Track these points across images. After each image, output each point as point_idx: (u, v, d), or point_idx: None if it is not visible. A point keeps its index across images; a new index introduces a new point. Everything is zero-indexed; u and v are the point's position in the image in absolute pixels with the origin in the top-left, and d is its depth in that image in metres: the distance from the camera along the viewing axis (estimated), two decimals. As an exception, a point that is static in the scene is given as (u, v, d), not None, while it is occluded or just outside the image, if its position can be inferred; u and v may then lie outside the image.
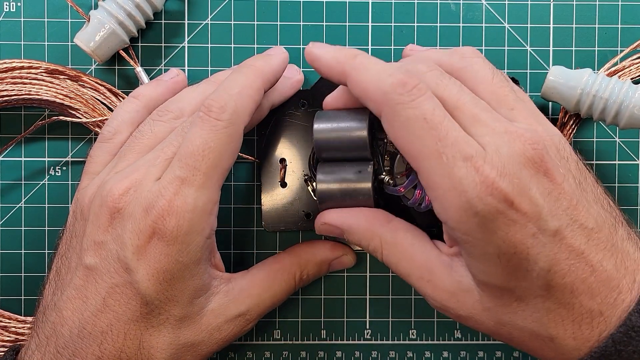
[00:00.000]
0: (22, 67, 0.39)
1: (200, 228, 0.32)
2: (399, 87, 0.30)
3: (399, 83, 0.30)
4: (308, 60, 0.34)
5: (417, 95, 0.29)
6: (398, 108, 0.30)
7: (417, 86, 0.30)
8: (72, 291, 0.32)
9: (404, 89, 0.29)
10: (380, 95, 0.30)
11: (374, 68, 0.31)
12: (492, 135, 0.29)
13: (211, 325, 0.34)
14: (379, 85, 0.30)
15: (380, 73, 0.31)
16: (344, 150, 0.35)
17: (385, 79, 0.30)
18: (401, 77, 0.30)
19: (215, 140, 0.32)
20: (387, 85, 0.30)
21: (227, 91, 0.33)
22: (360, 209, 0.34)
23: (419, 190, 0.35)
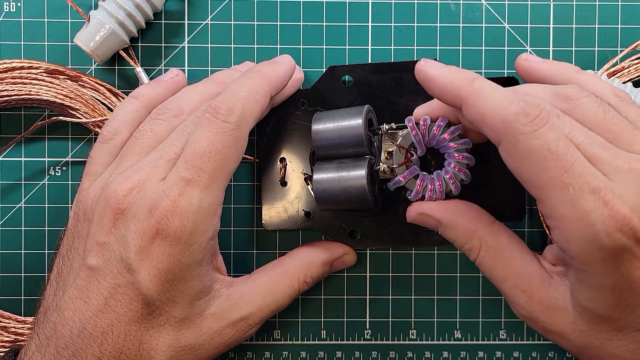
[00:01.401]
0: (22, 67, 0.39)
1: (204, 229, 0.32)
2: (522, 117, 0.28)
3: (522, 112, 0.29)
4: (419, 79, 0.33)
5: (540, 125, 0.28)
6: (521, 138, 0.29)
7: (539, 116, 0.28)
8: (74, 291, 0.32)
9: (527, 119, 0.28)
10: (500, 123, 0.29)
11: (494, 95, 0.30)
12: (617, 172, 0.28)
13: (212, 328, 0.34)
14: (500, 113, 0.29)
15: (501, 100, 0.29)
16: (343, 148, 0.35)
17: (507, 107, 0.29)
18: (523, 105, 0.29)
19: (222, 142, 0.32)
20: (510, 113, 0.29)
21: (235, 94, 0.33)
22: (463, 203, 0.33)
23: (420, 181, 0.35)
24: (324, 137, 0.35)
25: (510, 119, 0.29)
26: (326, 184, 0.35)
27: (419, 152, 0.35)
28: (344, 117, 0.35)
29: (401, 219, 0.38)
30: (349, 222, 0.38)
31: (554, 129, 0.28)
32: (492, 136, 0.30)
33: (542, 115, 0.29)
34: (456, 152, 0.34)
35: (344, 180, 0.35)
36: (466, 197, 0.37)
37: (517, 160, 0.29)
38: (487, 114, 0.30)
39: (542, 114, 0.29)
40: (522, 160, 0.29)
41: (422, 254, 0.41)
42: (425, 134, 0.34)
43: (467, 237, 0.33)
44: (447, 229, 0.33)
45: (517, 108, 0.29)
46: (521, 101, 0.29)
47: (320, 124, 0.36)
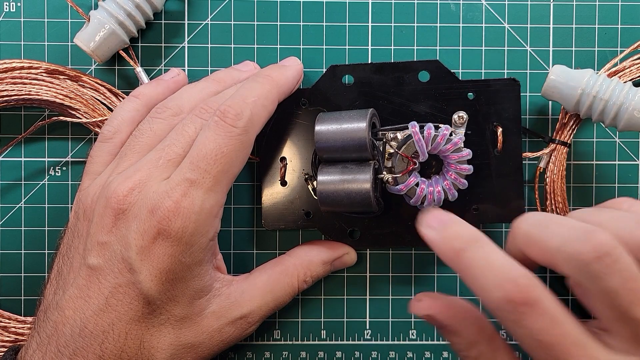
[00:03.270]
0: (22, 67, 0.39)
1: (205, 230, 0.32)
2: (505, 305, 0.27)
3: (505, 300, 0.27)
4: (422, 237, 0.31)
5: (526, 312, 0.27)
6: (508, 326, 0.27)
7: (526, 301, 0.27)
8: (75, 290, 0.32)
9: (511, 306, 0.27)
10: (490, 308, 0.28)
11: (480, 274, 0.28)
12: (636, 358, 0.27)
13: (212, 327, 0.34)
14: (486, 298, 0.28)
15: (485, 280, 0.28)
16: (345, 151, 0.35)
17: (491, 291, 0.27)
18: (507, 290, 0.27)
19: (228, 146, 0.32)
20: (494, 300, 0.27)
21: (244, 99, 0.33)
22: (470, 309, 0.32)
23: (420, 188, 0.35)
24: (327, 138, 0.35)
25: (494, 306, 0.27)
26: (330, 187, 0.35)
27: (420, 158, 0.35)
28: (347, 120, 0.35)
29: (401, 220, 0.38)
30: (349, 222, 0.38)
31: (544, 316, 0.27)
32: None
33: (530, 299, 0.27)
34: (457, 163, 0.35)
35: (348, 185, 0.35)
36: (466, 198, 0.37)
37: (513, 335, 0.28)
38: (477, 295, 0.28)
39: (531, 297, 0.27)
40: (517, 339, 0.28)
41: (422, 254, 0.41)
42: (429, 143, 0.34)
43: (468, 346, 0.31)
44: (450, 335, 0.32)
45: (500, 293, 0.27)
46: (507, 282, 0.27)
47: (323, 125, 0.36)
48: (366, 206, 0.35)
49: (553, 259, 0.28)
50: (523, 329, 0.27)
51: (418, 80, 0.37)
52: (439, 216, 0.30)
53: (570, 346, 0.27)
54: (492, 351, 0.31)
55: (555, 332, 0.27)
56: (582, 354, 0.27)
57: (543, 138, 0.40)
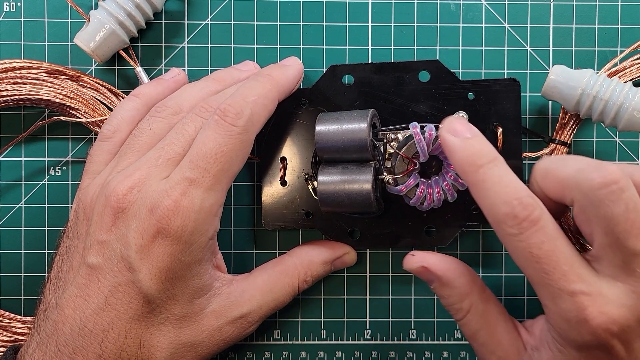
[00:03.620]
0: (22, 67, 0.39)
1: (205, 229, 0.32)
2: (509, 219, 0.29)
3: (511, 214, 0.29)
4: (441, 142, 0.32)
5: (527, 227, 0.29)
6: (506, 239, 0.30)
7: (528, 217, 0.29)
8: (74, 290, 0.32)
9: (514, 221, 0.29)
10: (493, 222, 0.30)
11: (492, 190, 0.30)
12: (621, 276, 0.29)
13: (212, 326, 0.34)
14: (492, 212, 0.30)
15: (495, 198, 0.30)
16: (345, 151, 0.35)
17: (499, 206, 0.30)
18: (515, 206, 0.29)
19: (228, 145, 0.32)
20: (500, 214, 0.30)
21: (244, 98, 0.33)
22: (462, 265, 0.34)
23: (420, 189, 0.35)
24: (327, 139, 0.35)
25: (499, 219, 0.30)
26: (330, 188, 0.35)
27: (421, 159, 0.35)
28: (348, 120, 0.35)
29: (401, 220, 0.38)
30: (349, 222, 0.38)
31: (541, 232, 0.29)
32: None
33: (531, 216, 0.29)
34: None
35: (348, 186, 0.35)
36: (466, 199, 0.37)
37: (509, 251, 0.31)
38: (483, 208, 0.31)
39: (533, 215, 0.29)
40: (511, 254, 0.30)
41: (422, 254, 0.41)
42: (430, 144, 0.34)
43: (460, 298, 0.33)
44: (445, 287, 0.33)
45: (507, 209, 0.29)
46: (514, 200, 0.29)
47: (324, 125, 0.36)
48: (367, 207, 0.35)
49: (564, 186, 0.30)
50: (520, 242, 0.29)
51: (418, 80, 0.37)
52: (464, 125, 0.32)
53: (559, 261, 0.29)
54: (483, 302, 0.33)
55: (548, 247, 0.29)
56: (568, 270, 0.29)
57: (543, 138, 0.40)
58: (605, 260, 0.29)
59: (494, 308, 0.33)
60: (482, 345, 0.33)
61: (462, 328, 0.34)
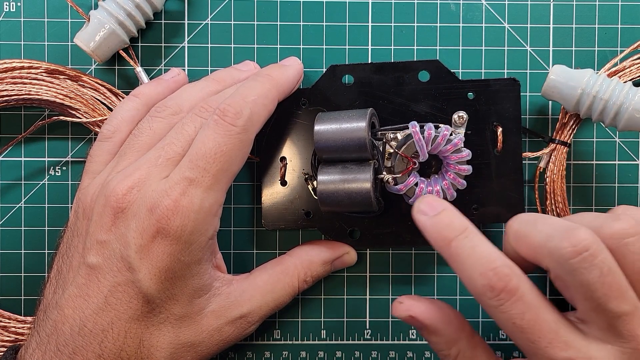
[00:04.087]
0: (22, 67, 0.39)
1: (204, 229, 0.32)
2: (488, 291, 0.29)
3: (488, 286, 0.29)
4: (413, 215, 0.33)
5: (506, 298, 0.29)
6: (489, 311, 0.30)
7: (505, 288, 0.29)
8: (74, 289, 0.32)
9: (493, 293, 0.29)
10: (473, 294, 0.30)
11: (466, 263, 0.30)
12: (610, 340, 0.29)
13: (212, 326, 0.34)
14: (470, 284, 0.30)
15: (471, 270, 0.30)
16: (344, 151, 0.35)
17: (476, 279, 0.29)
18: (491, 277, 0.29)
19: (228, 144, 0.32)
20: (478, 287, 0.29)
21: (244, 98, 0.33)
22: (450, 311, 0.33)
23: (419, 188, 0.35)
24: (326, 138, 0.35)
25: (478, 292, 0.30)
26: (330, 187, 0.35)
27: (420, 158, 0.35)
28: (347, 120, 0.35)
29: (401, 220, 0.38)
30: (349, 222, 0.38)
31: (520, 302, 0.29)
32: None
33: (508, 287, 0.29)
34: (456, 164, 0.35)
35: (348, 185, 0.35)
36: (466, 198, 0.37)
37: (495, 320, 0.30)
38: (462, 281, 0.31)
39: (509, 286, 0.29)
40: (498, 323, 0.30)
41: (422, 254, 0.41)
42: (429, 143, 0.34)
43: (448, 345, 0.33)
44: (431, 334, 0.33)
45: (484, 281, 0.29)
46: (490, 271, 0.29)
47: (323, 125, 0.36)
48: (366, 206, 0.35)
49: (537, 254, 0.30)
50: (502, 314, 0.29)
51: (418, 80, 0.37)
52: (431, 203, 0.32)
53: (542, 329, 0.29)
54: (471, 348, 0.33)
55: (530, 316, 0.29)
56: (554, 338, 0.29)
57: (543, 138, 0.40)
58: (591, 323, 0.29)
59: (482, 353, 0.33)
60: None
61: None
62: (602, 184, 0.40)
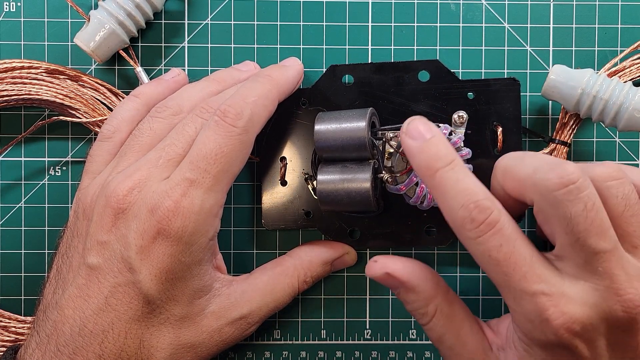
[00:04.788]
0: (22, 67, 0.39)
1: (205, 230, 0.32)
2: (468, 222, 0.29)
3: (468, 218, 0.29)
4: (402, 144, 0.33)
5: (484, 231, 0.29)
6: (466, 242, 0.30)
7: (485, 221, 0.29)
8: (74, 290, 0.32)
9: (472, 225, 0.29)
10: (452, 226, 0.31)
11: (448, 194, 0.30)
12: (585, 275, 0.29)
13: (212, 327, 0.34)
14: (450, 216, 0.30)
15: (452, 201, 0.30)
16: (345, 150, 0.35)
17: (457, 210, 0.30)
18: (472, 209, 0.29)
19: (228, 145, 0.32)
20: (458, 218, 0.30)
21: (244, 99, 0.33)
22: (426, 268, 0.33)
23: (420, 188, 0.35)
24: (326, 138, 0.35)
25: (457, 223, 0.30)
26: (330, 187, 0.35)
27: None
28: (347, 119, 0.35)
29: (401, 220, 0.38)
30: (349, 221, 0.38)
31: (499, 234, 0.29)
32: None
33: (489, 219, 0.29)
34: None
35: (348, 184, 0.35)
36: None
37: (471, 254, 0.31)
38: (443, 212, 0.31)
39: (490, 218, 0.29)
40: (474, 257, 0.30)
41: (422, 254, 0.41)
42: None
43: (425, 302, 0.33)
44: (408, 292, 0.33)
45: (465, 213, 0.29)
46: (471, 204, 0.29)
47: (323, 124, 0.36)
48: (366, 205, 0.35)
49: (523, 186, 0.30)
50: (480, 246, 0.29)
51: (418, 80, 0.38)
52: (420, 128, 0.32)
53: (517, 263, 0.29)
54: (448, 304, 0.33)
55: (507, 249, 0.29)
56: (528, 271, 0.29)
57: (543, 138, 0.40)
58: (567, 259, 0.29)
59: (459, 310, 0.33)
60: (448, 349, 0.33)
61: (428, 332, 0.33)
62: None
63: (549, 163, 0.29)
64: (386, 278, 0.33)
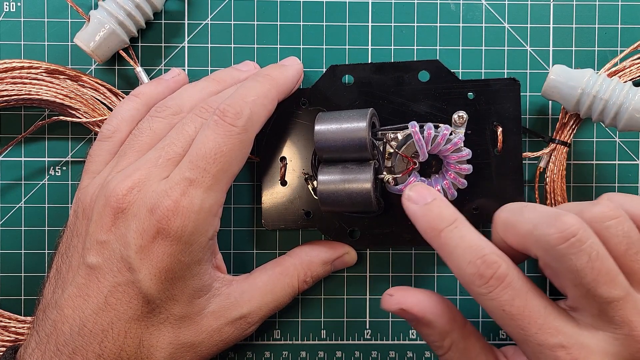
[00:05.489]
0: (22, 67, 0.39)
1: (204, 229, 0.32)
2: (477, 279, 0.29)
3: (477, 274, 0.29)
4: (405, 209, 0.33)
5: (494, 285, 0.29)
6: (479, 299, 0.30)
7: (494, 275, 0.29)
8: (74, 289, 0.32)
9: (482, 281, 0.29)
10: (463, 284, 0.30)
11: (454, 254, 0.30)
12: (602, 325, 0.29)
13: (211, 326, 0.34)
14: (459, 274, 0.30)
15: (460, 260, 0.30)
16: (345, 151, 0.35)
17: (464, 267, 0.30)
18: (479, 265, 0.29)
19: (228, 145, 0.32)
20: (467, 275, 0.30)
21: (243, 98, 0.33)
22: (442, 301, 0.33)
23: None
24: (326, 138, 0.35)
25: (467, 280, 0.30)
26: (330, 187, 0.35)
27: (420, 158, 0.35)
28: (347, 119, 0.35)
29: (401, 220, 0.38)
30: (349, 221, 0.38)
31: (509, 289, 0.29)
32: None
33: (497, 274, 0.29)
34: (456, 163, 0.35)
35: (348, 185, 0.35)
36: (466, 198, 0.37)
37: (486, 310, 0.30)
38: (452, 271, 0.31)
39: (498, 273, 0.29)
40: (488, 313, 0.30)
41: (422, 254, 0.41)
42: (429, 143, 0.34)
43: (441, 337, 0.33)
44: (423, 326, 0.33)
45: (473, 269, 0.29)
46: (478, 259, 0.29)
47: (323, 124, 0.36)
48: (367, 206, 0.35)
49: (525, 242, 0.30)
50: (492, 301, 0.29)
51: (418, 80, 0.37)
52: (421, 192, 0.32)
53: (532, 316, 0.29)
54: (464, 339, 0.32)
55: (519, 303, 0.29)
56: (543, 324, 0.29)
57: (543, 138, 0.40)
58: (581, 310, 0.29)
59: (475, 343, 0.33)
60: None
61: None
62: (602, 184, 0.40)
63: (548, 217, 0.29)
64: (401, 313, 0.33)
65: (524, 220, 0.30)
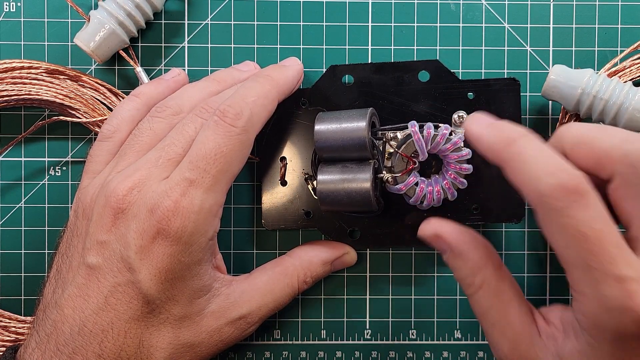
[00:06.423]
0: (22, 67, 0.39)
1: (204, 230, 0.32)
2: (556, 191, 0.26)
3: (556, 186, 0.26)
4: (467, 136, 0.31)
5: (575, 200, 0.26)
6: (551, 216, 0.27)
7: (576, 189, 0.26)
8: (74, 289, 0.32)
9: (562, 193, 0.26)
10: (535, 198, 0.27)
11: (534, 163, 0.27)
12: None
13: (211, 327, 0.34)
14: (534, 186, 0.27)
15: (538, 169, 0.27)
16: (345, 150, 0.35)
17: (542, 178, 0.27)
18: (560, 178, 0.26)
19: (228, 145, 0.32)
20: (544, 187, 0.27)
21: (244, 99, 0.33)
22: (478, 236, 0.31)
23: (420, 188, 0.35)
24: (326, 138, 0.35)
25: (545, 192, 0.27)
26: (330, 187, 0.35)
27: (420, 158, 0.35)
28: (347, 119, 0.35)
29: (401, 220, 0.38)
30: (349, 221, 0.38)
31: (591, 208, 0.26)
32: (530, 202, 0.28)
33: (579, 188, 0.26)
34: (456, 163, 0.35)
35: (348, 184, 0.35)
36: (466, 198, 0.37)
37: (549, 232, 0.28)
38: (523, 184, 0.28)
39: (581, 187, 0.26)
40: (553, 234, 0.28)
41: (422, 254, 0.41)
42: (429, 142, 0.34)
43: (473, 272, 0.31)
44: (456, 258, 0.31)
45: (553, 180, 0.26)
46: (561, 171, 0.27)
47: (323, 124, 0.36)
48: (366, 205, 0.35)
49: (605, 157, 0.28)
50: (567, 219, 0.26)
51: (418, 80, 0.38)
52: (484, 117, 0.30)
53: (609, 244, 0.26)
54: (497, 279, 0.31)
55: (599, 226, 0.26)
56: (617, 253, 0.26)
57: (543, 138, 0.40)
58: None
59: (509, 287, 0.31)
60: (492, 325, 0.31)
61: (472, 305, 0.32)
62: (602, 184, 0.40)
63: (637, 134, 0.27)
64: (435, 239, 0.32)
65: (608, 135, 0.28)
